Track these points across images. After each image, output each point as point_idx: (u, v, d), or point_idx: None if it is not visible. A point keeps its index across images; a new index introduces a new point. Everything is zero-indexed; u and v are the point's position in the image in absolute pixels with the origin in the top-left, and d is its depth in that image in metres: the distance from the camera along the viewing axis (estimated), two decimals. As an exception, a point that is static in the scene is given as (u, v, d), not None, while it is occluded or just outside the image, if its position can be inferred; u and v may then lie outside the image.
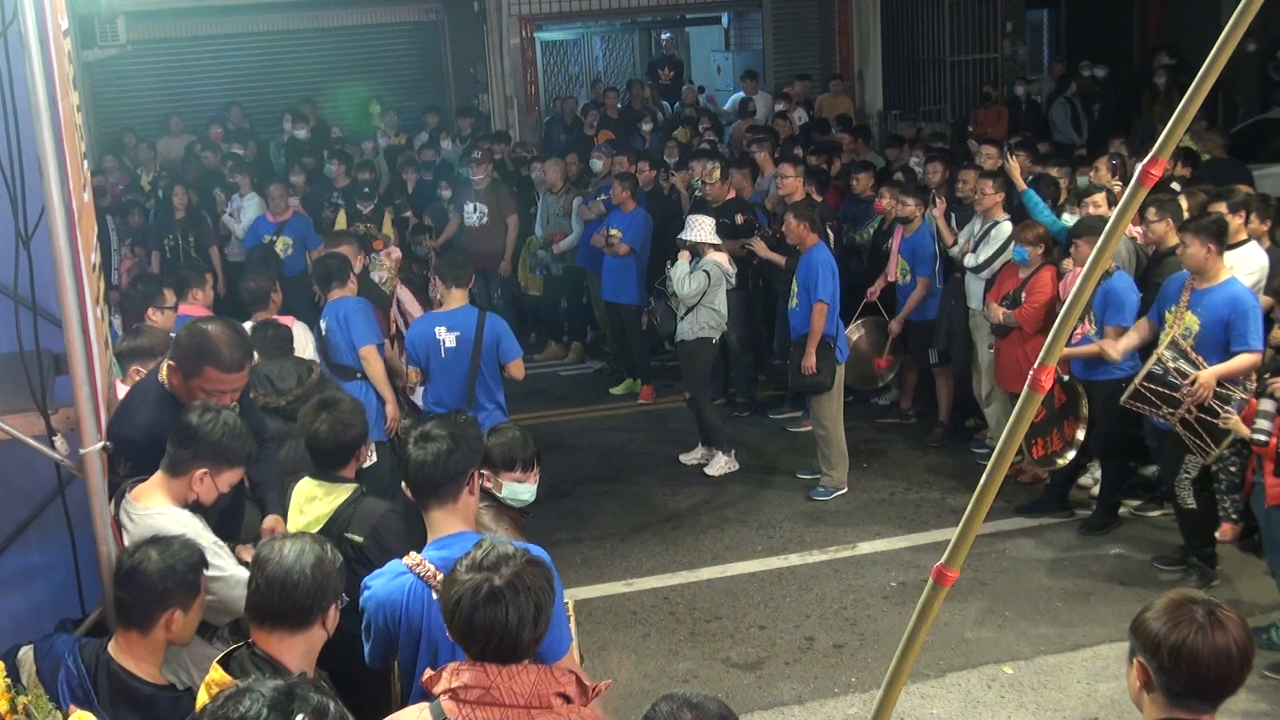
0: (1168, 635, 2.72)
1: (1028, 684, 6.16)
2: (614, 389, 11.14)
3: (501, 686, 2.83)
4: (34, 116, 3.49)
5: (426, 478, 3.66)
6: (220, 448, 4.05)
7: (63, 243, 3.55)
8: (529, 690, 2.84)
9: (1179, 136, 2.13)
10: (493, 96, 16.66)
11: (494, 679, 2.84)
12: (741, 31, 18.61)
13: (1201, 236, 6.65)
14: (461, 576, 2.92)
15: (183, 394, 4.37)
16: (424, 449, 3.67)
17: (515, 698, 2.82)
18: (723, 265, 8.88)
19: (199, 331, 4.37)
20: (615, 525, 8.28)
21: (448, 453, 3.64)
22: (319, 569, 3.28)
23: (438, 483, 3.66)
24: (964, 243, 8.93)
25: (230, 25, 16.58)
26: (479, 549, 2.99)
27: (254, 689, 2.46)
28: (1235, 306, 6.56)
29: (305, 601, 3.26)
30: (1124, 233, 2.69)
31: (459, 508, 3.71)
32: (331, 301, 7.62)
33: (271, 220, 11.13)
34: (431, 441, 3.67)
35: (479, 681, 2.84)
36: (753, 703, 6.09)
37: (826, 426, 8.55)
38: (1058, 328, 2.34)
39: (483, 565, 2.92)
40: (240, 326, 4.72)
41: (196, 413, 4.06)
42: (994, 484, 2.42)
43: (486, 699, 2.82)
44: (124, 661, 3.52)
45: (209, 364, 4.29)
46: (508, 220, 11.75)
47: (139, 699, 3.46)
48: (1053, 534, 7.79)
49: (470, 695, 2.83)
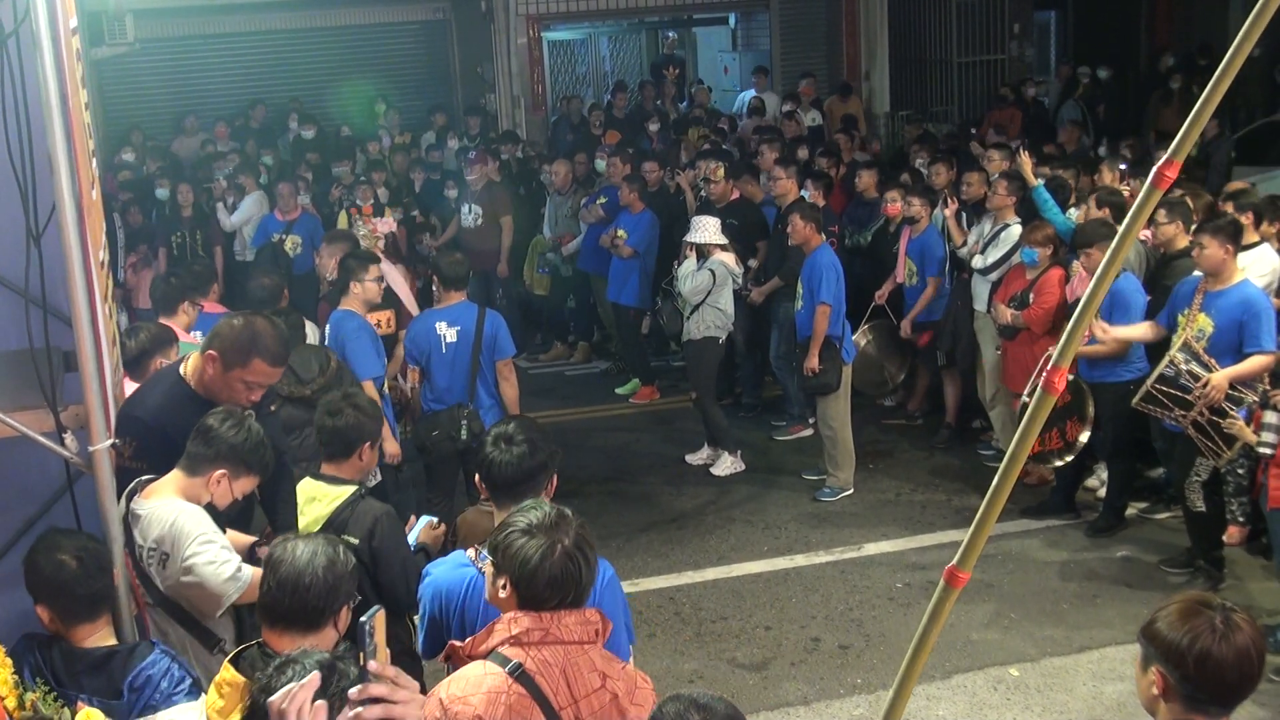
0: (1191, 646, 2.71)
1: (1034, 686, 6.15)
2: (620, 389, 11.14)
3: (559, 627, 3.04)
4: (45, 114, 3.50)
5: (506, 478, 3.80)
6: (242, 452, 4.09)
7: (73, 240, 3.56)
8: (578, 627, 3.07)
9: (1194, 138, 2.12)
10: (500, 96, 16.67)
11: (549, 622, 3.04)
12: (748, 32, 18.60)
13: (1220, 237, 6.63)
14: (527, 540, 3.07)
15: (217, 386, 4.38)
16: (506, 452, 3.80)
17: (571, 634, 3.05)
18: (729, 265, 8.88)
19: (248, 324, 4.43)
20: (621, 525, 8.27)
21: (528, 455, 3.79)
22: (330, 571, 3.29)
23: (514, 483, 3.79)
24: (973, 243, 8.92)
25: (238, 24, 16.60)
26: (531, 513, 3.14)
27: (299, 660, 2.57)
28: (1248, 308, 6.55)
29: (317, 603, 3.27)
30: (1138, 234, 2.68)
31: None
32: (337, 313, 7.20)
33: (280, 219, 11.15)
34: (513, 445, 3.80)
35: (538, 625, 3.03)
36: (758, 703, 6.09)
37: (833, 427, 8.54)
38: (1072, 329, 2.33)
39: (544, 527, 3.09)
40: (280, 323, 4.76)
41: (219, 417, 4.11)
42: (1007, 484, 2.41)
43: (549, 639, 3.02)
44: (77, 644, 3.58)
45: (258, 355, 4.35)
46: (502, 221, 11.75)
47: (95, 660, 3.54)
48: (1059, 536, 7.78)
49: (533, 637, 3.01)
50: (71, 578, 3.51)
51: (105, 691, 3.45)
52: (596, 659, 3.10)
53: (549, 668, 3.00)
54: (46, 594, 3.56)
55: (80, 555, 3.55)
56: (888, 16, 17.52)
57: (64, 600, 3.53)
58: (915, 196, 9.31)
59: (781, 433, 9.83)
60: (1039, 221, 8.26)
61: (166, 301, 6.93)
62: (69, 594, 3.52)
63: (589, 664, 3.07)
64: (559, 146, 14.38)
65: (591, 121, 14.84)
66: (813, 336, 8.35)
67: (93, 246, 3.74)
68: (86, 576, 3.53)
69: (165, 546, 4.00)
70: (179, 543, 3.98)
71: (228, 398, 4.38)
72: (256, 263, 11.29)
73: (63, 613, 3.54)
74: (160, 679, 3.44)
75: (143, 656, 3.51)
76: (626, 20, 18.48)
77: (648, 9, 17.60)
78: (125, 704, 3.43)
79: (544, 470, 3.85)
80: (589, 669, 3.06)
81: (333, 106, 16.22)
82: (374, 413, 4.84)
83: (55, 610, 3.54)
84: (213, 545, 4.01)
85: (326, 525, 4.46)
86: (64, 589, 3.52)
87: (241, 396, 4.41)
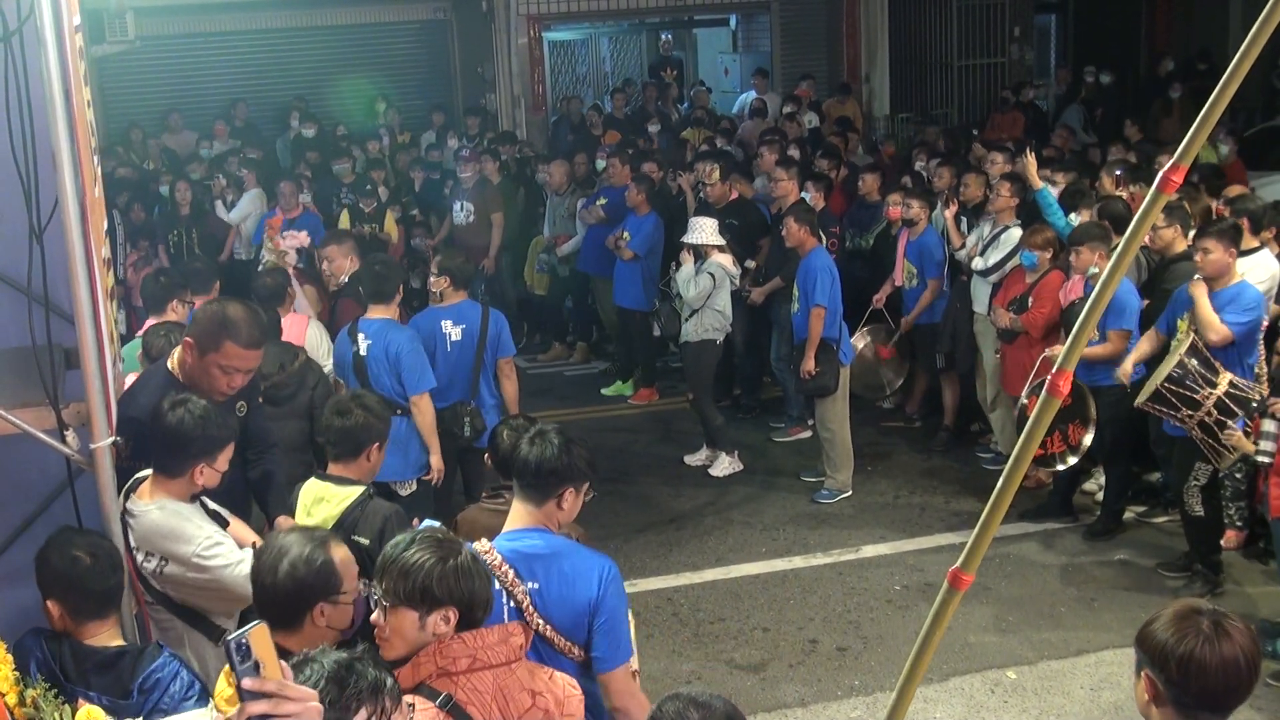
0: (1175, 647, 2.70)
1: (1031, 689, 6.16)
2: (605, 389, 11.16)
3: (484, 650, 2.99)
4: (48, 111, 3.50)
5: (521, 471, 3.76)
6: (205, 439, 4.08)
7: (75, 237, 3.56)
8: (500, 646, 3.02)
9: (1200, 143, 2.13)
10: (500, 96, 16.68)
11: (474, 647, 2.99)
12: (749, 34, 18.61)
13: (1224, 241, 6.68)
14: (418, 552, 3.06)
15: (196, 374, 4.40)
16: (534, 446, 3.73)
17: (497, 657, 2.99)
18: (726, 266, 8.88)
19: (219, 308, 4.47)
20: (619, 526, 8.27)
21: (552, 458, 3.70)
22: (292, 575, 3.23)
23: (527, 480, 3.73)
24: (972, 245, 8.92)
25: (239, 22, 16.58)
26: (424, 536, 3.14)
27: (316, 659, 2.53)
28: (1236, 298, 6.69)
29: (283, 601, 3.23)
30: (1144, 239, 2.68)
31: (543, 511, 3.75)
32: (375, 321, 6.79)
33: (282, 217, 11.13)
34: (545, 443, 3.73)
35: (464, 651, 2.98)
36: (756, 705, 6.09)
37: (832, 429, 8.54)
38: (1077, 332, 2.33)
39: (435, 544, 3.09)
40: (257, 308, 4.75)
41: (168, 413, 4.05)
42: (1011, 487, 2.41)
43: (477, 665, 2.97)
44: (85, 641, 3.57)
45: (229, 338, 4.34)
46: (492, 218, 11.75)
47: (104, 659, 3.53)
48: (1057, 539, 7.79)
49: (460, 666, 2.96)
50: (84, 573, 3.51)
51: (113, 691, 3.45)
52: (524, 676, 3.08)
53: (479, 695, 2.95)
54: (58, 589, 3.55)
55: (94, 552, 3.55)
56: (888, 18, 17.54)
57: (75, 596, 3.53)
58: (914, 199, 9.31)
59: (780, 434, 9.84)
60: (1039, 225, 8.26)
61: (155, 300, 6.92)
62: (80, 589, 3.52)
63: (518, 684, 3.04)
64: (559, 147, 14.38)
65: (591, 122, 14.84)
66: (808, 339, 8.36)
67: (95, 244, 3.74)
68: (99, 573, 3.53)
69: (165, 551, 4.01)
70: (182, 550, 3.99)
71: (208, 386, 4.39)
72: (257, 260, 11.30)
73: (72, 609, 3.54)
74: (170, 682, 3.44)
75: (153, 658, 3.50)
76: (627, 21, 18.49)
77: (648, 10, 17.61)
78: (134, 705, 3.42)
79: (559, 480, 3.72)
80: (519, 689, 3.03)
81: (334, 105, 16.21)
82: (383, 413, 4.81)
83: (65, 606, 3.54)
84: (222, 546, 4.00)
85: (336, 526, 4.43)
86: (75, 584, 3.52)
87: (221, 383, 4.41)
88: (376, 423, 4.72)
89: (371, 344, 6.72)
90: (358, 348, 6.74)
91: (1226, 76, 2.10)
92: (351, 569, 3.38)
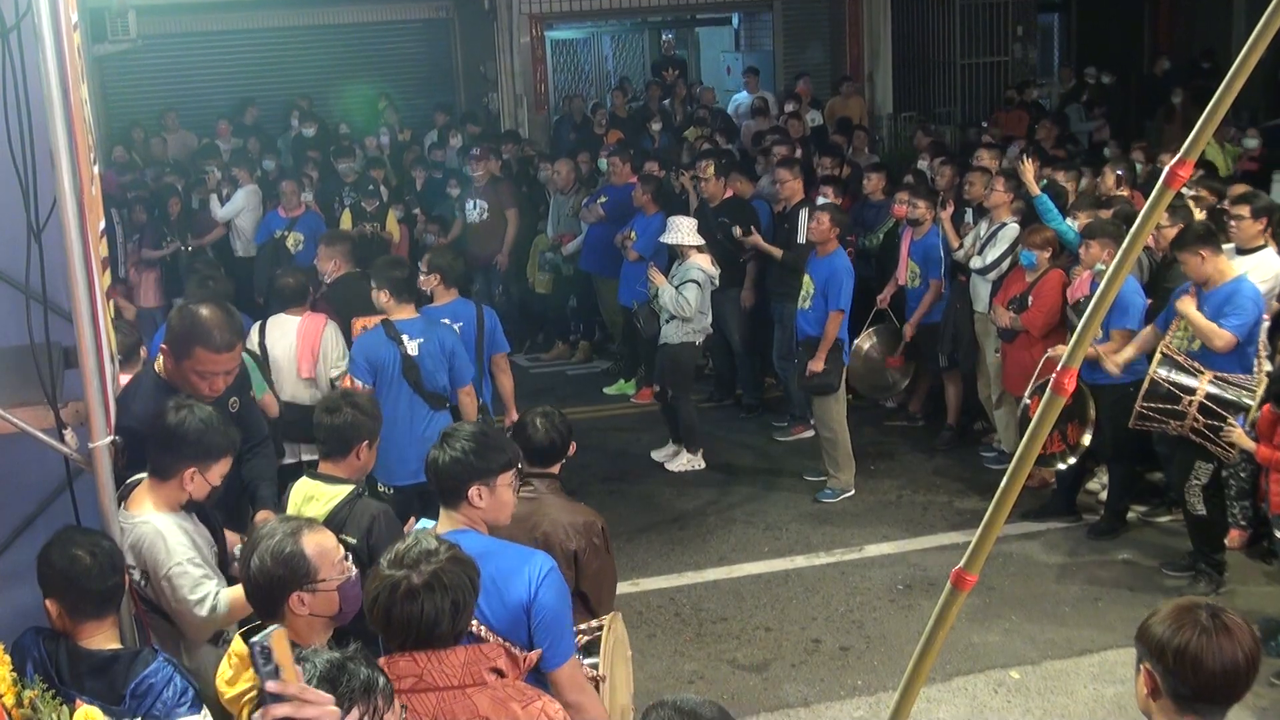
0: (1171, 639, 2.72)
1: (1034, 689, 6.14)
2: (607, 388, 11.15)
3: (433, 670, 2.90)
4: (47, 109, 3.48)
5: (430, 479, 3.86)
6: (202, 444, 4.04)
7: (74, 236, 3.54)
8: (460, 669, 2.92)
9: (1207, 139, 2.11)
10: (502, 95, 16.66)
11: (424, 665, 2.91)
12: (751, 32, 18.59)
13: (1188, 250, 6.71)
14: (384, 572, 2.99)
15: (177, 379, 4.38)
16: (439, 451, 3.81)
17: (448, 679, 2.90)
18: (705, 267, 8.86)
19: (189, 313, 4.42)
20: (621, 525, 8.24)
21: (447, 462, 3.76)
22: (262, 567, 3.28)
23: (435, 487, 3.86)
24: (969, 245, 8.90)
25: (240, 21, 16.57)
26: (403, 543, 3.06)
27: (309, 659, 2.53)
28: (1231, 296, 6.62)
29: (259, 592, 3.30)
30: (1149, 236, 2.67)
31: (461, 513, 3.78)
32: (415, 321, 6.81)
33: (284, 216, 11.15)
34: (444, 449, 3.79)
35: (410, 670, 2.90)
36: (759, 705, 6.08)
37: (832, 429, 8.52)
38: (1082, 329, 2.32)
39: (404, 562, 2.98)
40: (232, 309, 4.72)
41: (171, 413, 4.05)
42: (1015, 486, 2.40)
43: (421, 685, 2.90)
44: (82, 643, 3.56)
45: (199, 344, 4.32)
46: (508, 214, 11.75)
47: (98, 662, 3.52)
48: (1060, 539, 7.77)
49: (404, 684, 2.89)
50: (84, 571, 3.50)
51: (106, 695, 3.43)
52: (483, 704, 2.93)
53: (413, 716, 2.88)
54: (57, 587, 3.54)
55: (94, 552, 3.54)
56: (891, 17, 17.52)
57: (74, 595, 3.52)
58: (920, 198, 9.29)
59: (783, 434, 9.82)
60: (1038, 224, 8.24)
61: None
62: (80, 588, 3.51)
63: (469, 710, 2.91)
64: (561, 146, 14.36)
65: (595, 121, 14.83)
66: (823, 340, 8.33)
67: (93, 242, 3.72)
68: (99, 573, 3.52)
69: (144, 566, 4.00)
70: (156, 570, 3.98)
71: (190, 390, 4.37)
72: (258, 260, 11.30)
73: (71, 608, 3.53)
74: (163, 688, 3.42)
75: (146, 663, 3.49)
76: (629, 20, 18.48)
77: (651, 9, 17.60)
78: (126, 710, 3.41)
79: (471, 469, 3.77)
80: (468, 715, 2.90)
81: (335, 104, 16.20)
82: (373, 411, 4.79)
83: (64, 605, 3.53)
84: (186, 576, 3.96)
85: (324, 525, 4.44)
86: (75, 582, 3.50)
87: (202, 388, 4.38)
88: (366, 421, 4.69)
89: (424, 341, 6.74)
90: (404, 348, 6.71)
91: (1231, 74, 2.09)
92: (329, 556, 3.35)
